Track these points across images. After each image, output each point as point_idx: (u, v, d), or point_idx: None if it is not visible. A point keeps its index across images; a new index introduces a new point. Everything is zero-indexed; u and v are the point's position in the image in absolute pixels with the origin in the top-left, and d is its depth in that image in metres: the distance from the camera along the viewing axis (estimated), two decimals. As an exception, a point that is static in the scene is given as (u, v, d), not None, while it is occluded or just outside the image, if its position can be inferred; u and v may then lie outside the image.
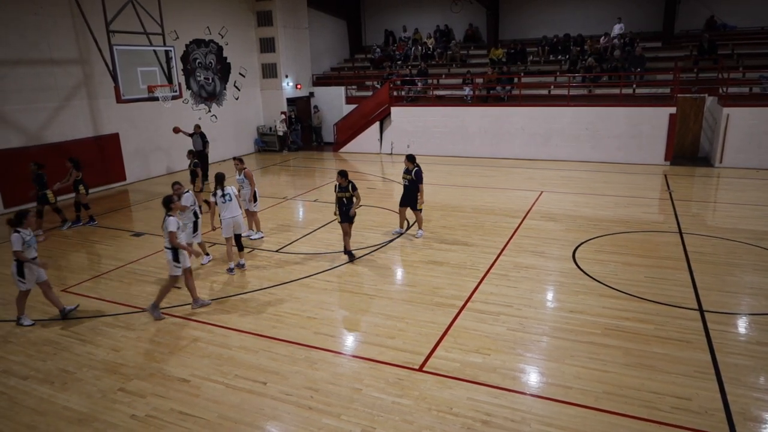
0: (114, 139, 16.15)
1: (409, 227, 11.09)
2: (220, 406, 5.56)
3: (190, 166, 13.17)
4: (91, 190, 15.48)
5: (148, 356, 6.58)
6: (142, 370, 6.29)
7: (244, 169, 10.55)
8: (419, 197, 10.34)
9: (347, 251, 9.58)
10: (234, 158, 11.07)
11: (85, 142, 15.33)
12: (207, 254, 9.74)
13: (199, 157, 16.99)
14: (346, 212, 9.36)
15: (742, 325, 6.99)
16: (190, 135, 16.07)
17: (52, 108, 14.56)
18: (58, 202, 12.11)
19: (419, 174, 10.29)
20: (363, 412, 5.35)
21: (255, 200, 10.60)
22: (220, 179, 9.05)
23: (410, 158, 10.39)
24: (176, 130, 15.77)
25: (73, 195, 12.41)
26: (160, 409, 5.54)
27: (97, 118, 15.73)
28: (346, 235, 9.53)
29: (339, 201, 9.42)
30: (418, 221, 10.71)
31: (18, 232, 7.23)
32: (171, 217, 7.37)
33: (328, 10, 25.47)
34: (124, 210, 13.93)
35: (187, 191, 9.04)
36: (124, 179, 16.64)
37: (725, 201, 13.14)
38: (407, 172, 10.38)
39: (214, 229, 9.79)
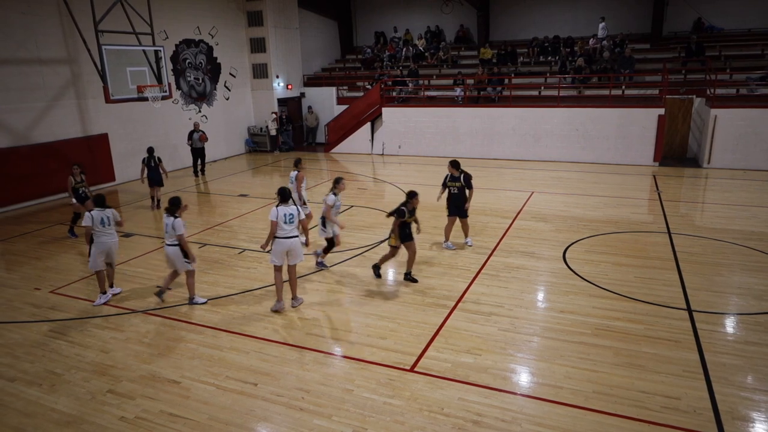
0: (103, 139, 16.02)
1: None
2: (210, 407, 5.53)
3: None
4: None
5: (137, 358, 6.53)
6: (131, 371, 6.24)
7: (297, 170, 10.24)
8: (468, 203, 9.74)
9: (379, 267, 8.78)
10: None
11: (74, 142, 15.19)
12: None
13: (200, 155, 17.26)
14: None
15: (730, 324, 7.06)
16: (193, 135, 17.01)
17: (40, 108, 14.42)
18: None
19: (468, 179, 9.63)
20: (354, 413, 5.35)
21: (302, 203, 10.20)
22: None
23: (455, 164, 9.64)
24: (204, 138, 16.92)
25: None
26: (149, 410, 5.50)
27: (85, 118, 15.61)
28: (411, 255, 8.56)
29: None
30: (466, 229, 10.10)
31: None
32: (178, 219, 7.41)
33: (319, 11, 25.44)
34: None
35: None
36: (114, 180, 16.52)
37: (713, 201, 13.27)
38: (454, 179, 9.61)
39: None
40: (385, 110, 20.68)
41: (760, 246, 9.74)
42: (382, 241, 10.54)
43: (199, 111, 19.71)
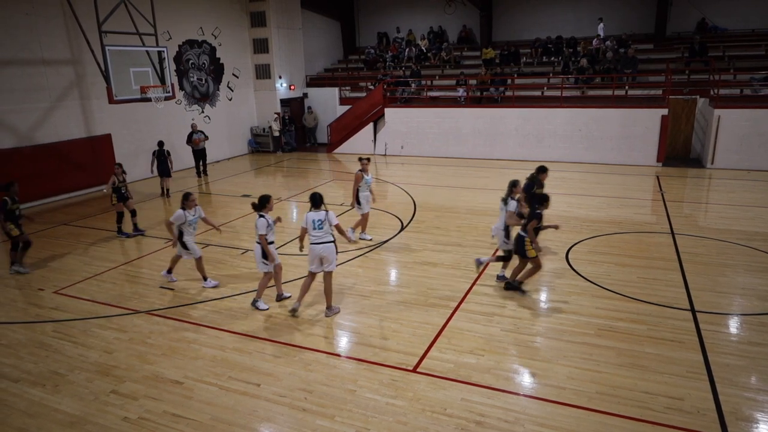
0: (106, 139, 16.06)
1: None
2: (213, 407, 5.54)
3: None
4: (83, 192, 15.51)
5: (140, 358, 6.55)
6: (134, 372, 6.25)
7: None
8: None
9: (516, 283, 8.09)
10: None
11: (78, 142, 15.23)
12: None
13: (202, 155, 17.32)
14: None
15: (733, 325, 7.04)
16: (193, 136, 17.08)
17: (43, 108, 14.46)
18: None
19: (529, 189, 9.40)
20: (357, 414, 5.35)
21: (357, 202, 10.22)
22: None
23: (542, 169, 9.74)
24: (197, 142, 16.75)
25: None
26: (152, 411, 5.51)
27: (89, 119, 15.64)
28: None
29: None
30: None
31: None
32: (262, 219, 7.42)
33: (322, 11, 25.45)
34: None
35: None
36: (117, 180, 16.55)
37: (717, 202, 13.23)
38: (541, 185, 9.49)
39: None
40: (387, 111, 20.68)
41: (764, 246, 9.71)
42: (385, 242, 10.53)
43: (202, 111, 19.74)
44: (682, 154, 18.18)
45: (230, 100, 21.09)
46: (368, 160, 10.39)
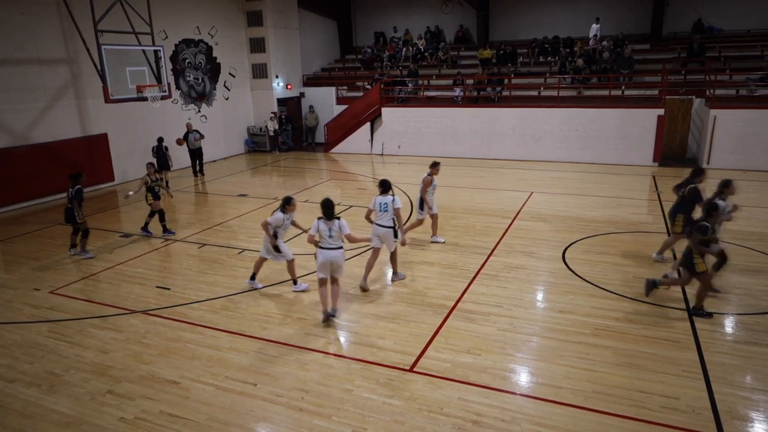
0: (102, 139, 16.02)
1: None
2: (210, 407, 5.53)
3: None
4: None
5: (136, 358, 6.53)
6: (130, 372, 6.24)
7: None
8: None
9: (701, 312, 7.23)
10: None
11: (74, 142, 15.19)
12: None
13: (198, 155, 17.33)
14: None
15: (729, 324, 7.06)
16: (188, 135, 17.06)
17: (39, 108, 14.42)
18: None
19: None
20: (354, 413, 5.35)
21: (420, 207, 9.99)
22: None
23: (699, 173, 9.03)
24: (179, 142, 16.56)
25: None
26: (149, 411, 5.50)
27: (85, 119, 15.60)
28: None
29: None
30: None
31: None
32: (279, 213, 7.81)
33: (319, 11, 25.43)
34: (112, 211, 13.82)
35: None
36: (113, 180, 16.51)
37: (712, 202, 13.25)
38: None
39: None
40: (384, 110, 20.68)
41: (760, 246, 9.75)
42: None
43: (199, 111, 19.71)
44: (678, 154, 18.24)
45: (227, 99, 21.06)
46: (439, 165, 10.08)
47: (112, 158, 16.38)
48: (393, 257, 8.54)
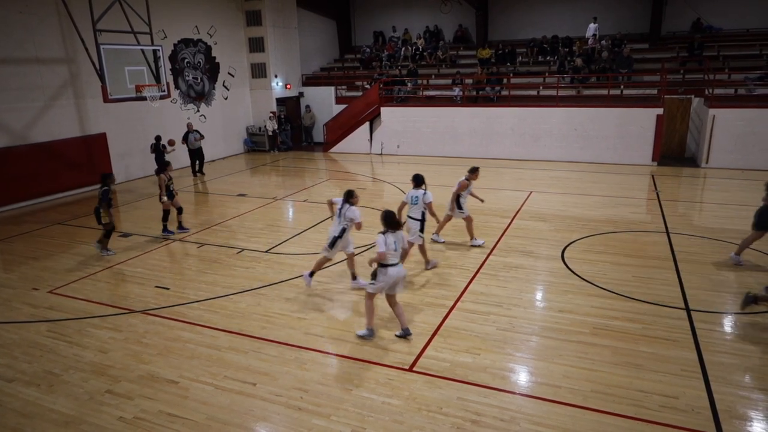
0: (101, 138, 16.00)
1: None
2: (209, 407, 5.53)
3: None
4: (78, 191, 15.46)
5: (136, 358, 6.53)
6: (129, 371, 6.23)
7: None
8: None
9: None
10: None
11: (72, 141, 15.17)
12: None
13: (198, 155, 17.31)
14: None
15: (728, 324, 7.07)
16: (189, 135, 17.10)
17: (38, 107, 14.40)
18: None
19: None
20: (353, 413, 5.35)
21: (458, 207, 9.90)
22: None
23: None
24: (171, 143, 16.10)
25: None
26: (148, 411, 5.50)
27: (84, 118, 15.58)
28: None
29: None
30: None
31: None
32: (353, 208, 7.71)
33: (318, 10, 25.42)
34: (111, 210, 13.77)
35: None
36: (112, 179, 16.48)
37: (711, 201, 13.28)
38: None
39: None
40: (383, 110, 20.68)
41: (758, 245, 9.73)
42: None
43: (198, 110, 19.69)
44: (677, 153, 18.26)
45: (226, 99, 21.05)
46: (478, 170, 10.19)
47: (111, 158, 16.35)
48: (421, 248, 8.84)
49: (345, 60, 26.79)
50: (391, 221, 6.53)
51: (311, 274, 8.23)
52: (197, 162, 17.57)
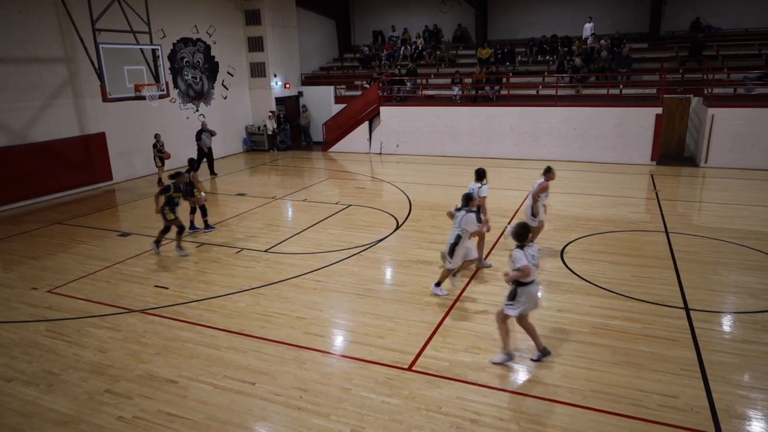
0: (100, 138, 15.98)
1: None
2: (208, 406, 5.53)
3: None
4: (77, 190, 15.46)
5: (135, 357, 6.52)
6: (129, 371, 6.23)
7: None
8: None
9: None
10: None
11: (71, 141, 15.15)
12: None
13: (209, 154, 17.18)
14: None
15: (727, 323, 7.08)
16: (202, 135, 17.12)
17: (37, 107, 14.38)
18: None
19: None
20: (352, 412, 5.35)
21: (533, 215, 9.55)
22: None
23: None
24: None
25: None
26: (147, 410, 5.50)
27: (83, 117, 15.57)
28: None
29: None
30: None
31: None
32: (471, 214, 7.68)
33: (317, 10, 25.40)
34: (110, 210, 13.79)
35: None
36: (111, 179, 16.47)
37: (710, 200, 13.29)
38: None
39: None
40: (383, 109, 20.67)
41: (758, 245, 9.76)
42: (380, 240, 10.54)
43: (197, 110, 19.68)
44: (676, 152, 18.26)
45: (225, 98, 21.03)
46: (553, 170, 9.86)
47: (110, 157, 16.34)
48: (478, 244, 8.72)
49: (344, 59, 26.78)
50: (524, 235, 5.96)
51: (438, 285, 7.97)
52: (210, 162, 17.46)
